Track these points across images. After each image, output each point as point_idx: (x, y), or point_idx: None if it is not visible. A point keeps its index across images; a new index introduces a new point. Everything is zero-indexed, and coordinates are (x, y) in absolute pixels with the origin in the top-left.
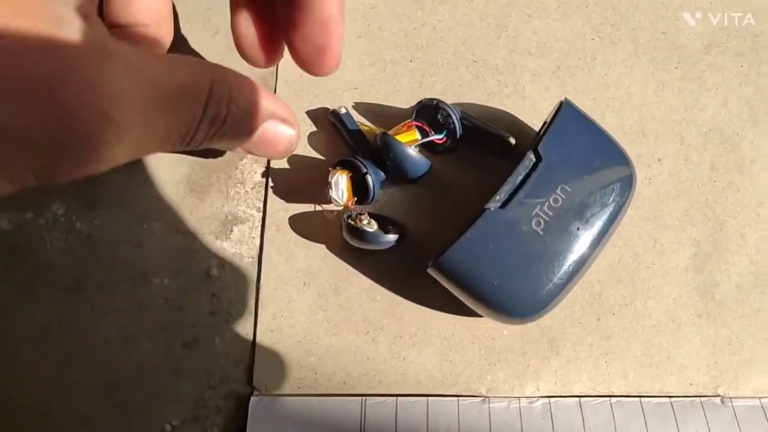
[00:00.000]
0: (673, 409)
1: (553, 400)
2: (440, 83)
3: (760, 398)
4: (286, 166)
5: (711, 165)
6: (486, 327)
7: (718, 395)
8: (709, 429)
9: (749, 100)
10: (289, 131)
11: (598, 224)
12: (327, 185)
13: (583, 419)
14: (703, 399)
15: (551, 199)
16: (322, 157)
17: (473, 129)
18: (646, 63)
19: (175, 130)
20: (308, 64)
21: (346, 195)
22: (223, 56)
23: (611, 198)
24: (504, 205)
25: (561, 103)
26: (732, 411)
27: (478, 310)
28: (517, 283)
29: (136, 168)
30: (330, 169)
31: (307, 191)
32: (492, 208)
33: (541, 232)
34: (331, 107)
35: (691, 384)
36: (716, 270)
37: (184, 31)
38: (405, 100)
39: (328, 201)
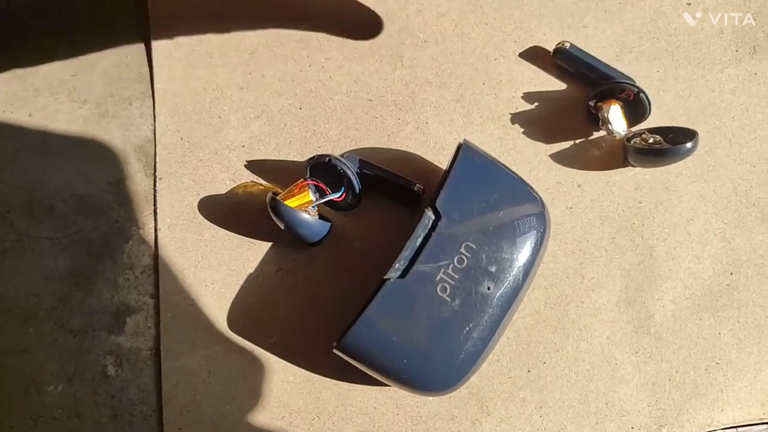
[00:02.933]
0: None
1: None
2: (335, 129)
3: None
4: (176, 240)
5: (635, 185)
6: (410, 395)
7: None
8: None
9: (669, 107)
10: None
11: (511, 278)
12: (601, 122)
13: None
14: None
15: (455, 260)
16: (217, 227)
17: (376, 179)
18: (557, 79)
19: None
20: None
21: (624, 123)
22: (95, 125)
23: (523, 245)
24: (404, 273)
25: (459, 147)
26: None
27: (394, 387)
28: (427, 357)
29: (13, 266)
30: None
31: (202, 267)
32: (392, 279)
33: (448, 298)
34: (224, 168)
35: (632, 428)
36: (649, 300)
37: (47, 103)
38: (299, 152)
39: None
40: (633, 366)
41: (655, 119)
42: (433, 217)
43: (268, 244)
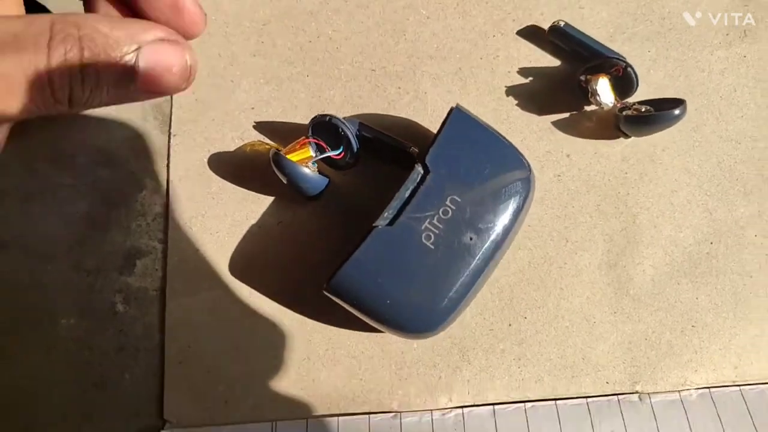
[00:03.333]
0: (589, 410)
1: (466, 410)
2: (339, 96)
3: (679, 391)
4: (186, 191)
5: (621, 156)
6: (395, 342)
7: (636, 392)
8: (625, 428)
9: (659, 86)
10: (176, 50)
11: (493, 232)
12: (590, 94)
13: (496, 427)
14: (620, 397)
15: (441, 212)
16: (225, 181)
17: (374, 141)
18: (552, 56)
19: (33, 80)
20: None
21: (612, 96)
22: None
23: (507, 204)
24: (392, 221)
25: (451, 110)
26: (650, 407)
27: (379, 328)
28: (410, 299)
29: (36, 210)
30: (588, 77)
31: (208, 217)
32: (380, 226)
33: (432, 246)
34: (234, 127)
35: (607, 383)
36: (630, 264)
37: None
38: (304, 115)
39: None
40: (611, 325)
41: (644, 96)
42: (422, 171)
43: (271, 198)
